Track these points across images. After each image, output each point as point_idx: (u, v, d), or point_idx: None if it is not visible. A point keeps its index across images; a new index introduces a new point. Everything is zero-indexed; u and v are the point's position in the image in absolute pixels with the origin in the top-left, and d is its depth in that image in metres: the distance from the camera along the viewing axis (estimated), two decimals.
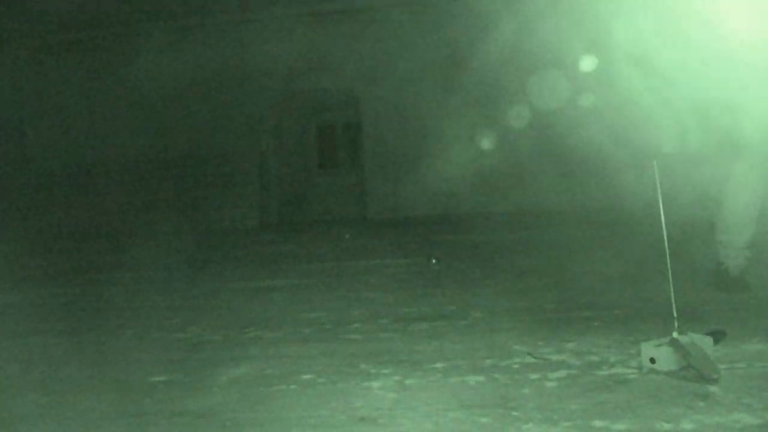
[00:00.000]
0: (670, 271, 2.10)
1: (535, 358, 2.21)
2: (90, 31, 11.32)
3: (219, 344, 2.71)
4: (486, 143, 10.35)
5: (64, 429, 1.80)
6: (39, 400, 2.08)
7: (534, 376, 2.01)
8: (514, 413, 1.72)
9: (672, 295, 2.09)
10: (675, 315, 2.05)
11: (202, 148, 11.16)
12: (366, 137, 10.77)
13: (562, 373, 2.03)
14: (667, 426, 1.59)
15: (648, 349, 2.03)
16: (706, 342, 2.02)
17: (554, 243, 5.64)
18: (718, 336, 2.21)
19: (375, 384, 2.04)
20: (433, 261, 4.77)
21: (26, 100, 11.86)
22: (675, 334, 2.00)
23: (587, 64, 8.56)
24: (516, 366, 2.13)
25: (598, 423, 1.62)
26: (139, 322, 3.26)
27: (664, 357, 1.97)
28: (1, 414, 1.97)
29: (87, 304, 3.92)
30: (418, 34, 10.49)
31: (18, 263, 6.84)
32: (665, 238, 2.13)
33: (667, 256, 2.12)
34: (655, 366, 1.99)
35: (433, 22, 10.45)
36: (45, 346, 2.87)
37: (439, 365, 2.19)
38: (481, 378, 2.03)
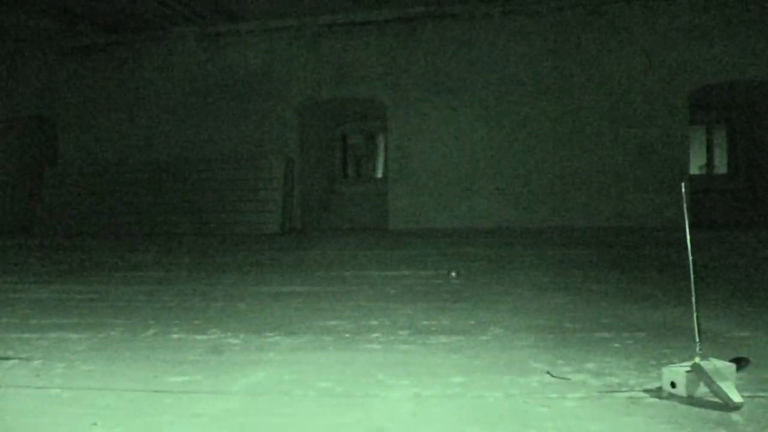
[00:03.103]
0: (694, 294, 2.07)
1: (553, 376, 2.19)
2: (122, 33, 11.52)
3: (238, 347, 2.73)
4: (509, 158, 10.32)
5: (85, 424, 1.82)
6: (60, 395, 2.11)
7: (552, 395, 1.99)
8: (532, 431, 1.71)
9: (695, 319, 2.06)
10: (698, 340, 2.03)
11: (227, 152, 11.28)
12: (390, 147, 10.80)
13: (582, 393, 2.01)
14: None
15: (669, 373, 2.00)
16: (729, 369, 1.99)
17: (576, 260, 5.60)
18: (742, 363, 2.18)
19: (392, 395, 2.04)
20: (453, 274, 4.77)
21: (58, 100, 12.09)
22: (697, 359, 1.97)
23: None
24: (534, 384, 2.12)
25: None
26: (161, 322, 3.29)
27: (686, 382, 1.95)
28: (21, 407, 2.01)
29: (109, 302, 3.98)
30: (446, 46, 10.52)
31: (42, 259, 6.96)
32: (690, 258, 2.10)
33: (692, 278, 2.09)
34: (675, 391, 1.96)
35: (462, 36, 10.47)
36: (66, 341, 2.91)
37: (457, 379, 2.19)
38: (498, 394, 2.02)
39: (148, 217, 11.02)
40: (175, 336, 2.98)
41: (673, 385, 1.98)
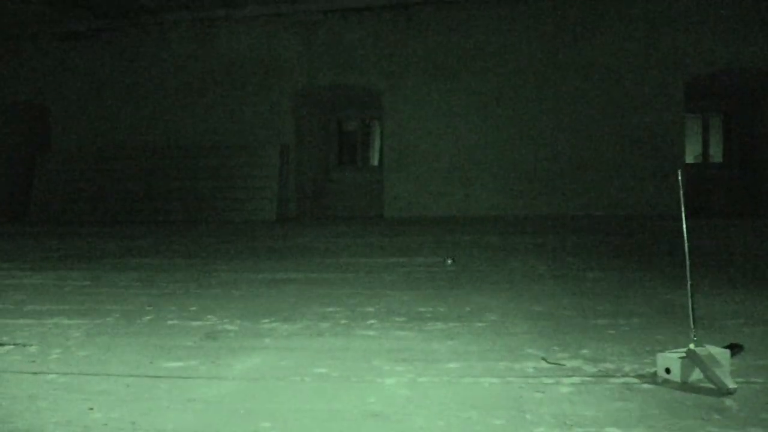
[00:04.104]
0: (689, 281, 2.08)
1: (549, 362, 2.20)
2: (117, 19, 11.42)
3: (234, 334, 2.73)
4: (506, 146, 10.31)
5: (81, 409, 1.82)
6: (56, 380, 2.11)
7: (548, 381, 2.00)
8: (527, 416, 1.71)
9: (690, 305, 2.07)
10: (693, 326, 2.03)
11: (222, 139, 11.24)
12: (386, 135, 10.77)
13: (577, 379, 2.02)
14: None
15: (664, 359, 2.01)
16: (723, 355, 2.00)
17: (571, 248, 5.61)
18: (736, 350, 2.19)
19: (388, 381, 2.04)
20: (449, 261, 4.78)
21: (51, 86, 12.00)
22: (692, 346, 1.98)
23: None
24: (530, 370, 2.13)
25: (611, 430, 1.61)
26: (157, 308, 3.29)
27: (680, 368, 1.96)
28: (16, 393, 2.00)
29: (104, 288, 3.97)
30: (443, 32, 10.47)
31: (37, 246, 6.94)
32: (686, 246, 2.10)
33: (687, 265, 2.10)
34: (670, 377, 1.97)
35: (458, 22, 10.42)
36: (62, 327, 2.91)
37: (453, 365, 2.19)
38: (494, 380, 2.02)
39: (143, 204, 10.99)
40: (171, 322, 2.98)
41: (667, 371, 1.99)
